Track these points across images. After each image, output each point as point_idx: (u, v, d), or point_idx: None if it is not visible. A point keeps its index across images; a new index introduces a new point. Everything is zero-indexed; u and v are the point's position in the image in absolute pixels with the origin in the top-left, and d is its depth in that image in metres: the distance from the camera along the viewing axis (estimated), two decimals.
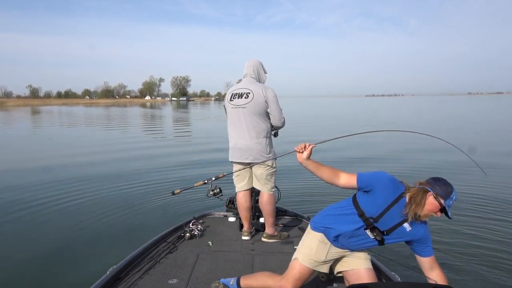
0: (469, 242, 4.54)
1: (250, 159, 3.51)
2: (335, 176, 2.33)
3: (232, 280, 2.63)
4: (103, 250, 4.45)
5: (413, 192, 2.19)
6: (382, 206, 2.22)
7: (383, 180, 2.24)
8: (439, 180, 2.18)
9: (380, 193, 2.22)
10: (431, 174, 2.32)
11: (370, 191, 2.25)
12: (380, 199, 2.23)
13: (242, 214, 3.75)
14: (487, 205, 5.92)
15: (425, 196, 2.15)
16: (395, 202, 2.21)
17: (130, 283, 2.78)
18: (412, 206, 2.16)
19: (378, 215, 2.24)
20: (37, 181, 8.16)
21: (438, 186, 2.14)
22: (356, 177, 2.28)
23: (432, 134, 2.71)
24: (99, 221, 5.50)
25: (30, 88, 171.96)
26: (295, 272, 2.42)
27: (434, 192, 2.13)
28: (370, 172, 2.30)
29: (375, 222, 2.26)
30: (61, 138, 19.42)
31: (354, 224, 2.31)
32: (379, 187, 2.23)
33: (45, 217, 5.71)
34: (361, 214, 2.28)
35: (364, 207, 2.28)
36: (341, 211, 2.37)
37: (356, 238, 2.35)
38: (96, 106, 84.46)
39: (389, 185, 2.23)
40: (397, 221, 2.24)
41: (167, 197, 6.57)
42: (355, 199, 2.34)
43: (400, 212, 2.21)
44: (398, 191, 2.22)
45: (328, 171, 2.35)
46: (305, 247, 2.46)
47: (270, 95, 3.47)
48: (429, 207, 2.14)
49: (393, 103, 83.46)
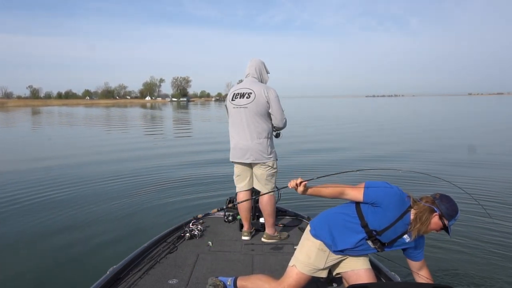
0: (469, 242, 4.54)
1: (251, 159, 3.50)
2: (340, 194, 2.32)
3: (230, 280, 2.62)
4: (103, 250, 4.45)
5: (418, 210, 2.18)
6: (387, 221, 2.22)
7: (391, 197, 2.22)
8: (447, 201, 2.16)
9: (386, 210, 2.21)
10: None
11: (376, 206, 2.23)
12: (386, 215, 2.21)
13: (242, 214, 3.74)
14: (484, 204, 5.91)
15: (431, 216, 2.15)
16: (400, 218, 2.21)
17: (130, 283, 2.78)
18: (417, 225, 2.16)
19: (382, 229, 2.24)
20: (37, 181, 8.16)
21: (445, 207, 2.13)
22: (363, 194, 2.25)
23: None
24: (99, 221, 5.50)
25: (30, 88, 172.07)
26: (292, 280, 2.41)
27: (440, 213, 2.13)
28: (377, 187, 2.26)
29: (378, 235, 2.26)
30: (60, 138, 19.42)
31: (356, 235, 2.30)
32: (386, 204, 2.21)
33: (45, 217, 5.70)
34: (365, 225, 2.27)
35: (369, 219, 2.26)
36: (344, 220, 2.34)
37: (357, 248, 2.35)
38: (96, 107, 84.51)
39: (396, 202, 2.21)
40: (399, 233, 2.25)
41: (167, 197, 6.58)
42: (359, 209, 2.30)
43: (403, 226, 2.22)
44: (404, 207, 2.21)
45: (330, 192, 2.34)
46: (303, 254, 2.43)
47: (272, 95, 3.46)
48: (432, 226, 2.17)
49: (392, 104, 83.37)
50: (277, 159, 3.65)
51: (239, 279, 2.62)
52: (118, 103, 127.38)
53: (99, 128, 25.96)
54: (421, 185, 6.43)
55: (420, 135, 17.47)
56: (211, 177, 8.13)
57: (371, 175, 7.77)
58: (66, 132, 23.39)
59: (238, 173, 3.70)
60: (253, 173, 3.64)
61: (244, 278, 2.62)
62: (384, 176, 8.24)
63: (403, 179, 6.78)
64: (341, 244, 2.34)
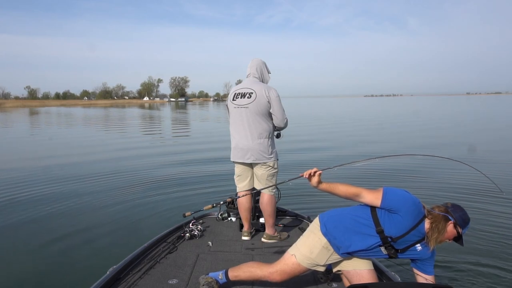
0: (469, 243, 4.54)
1: (252, 159, 3.50)
2: (355, 196, 2.29)
3: (221, 273, 2.62)
4: (103, 250, 4.44)
5: (434, 219, 2.19)
6: (404, 229, 2.22)
7: (409, 204, 2.21)
8: (460, 209, 2.21)
9: (404, 217, 2.21)
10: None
11: (393, 213, 2.23)
12: (403, 222, 2.21)
13: (242, 215, 3.74)
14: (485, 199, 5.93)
15: (446, 224, 2.17)
16: (415, 226, 2.21)
17: (130, 283, 2.77)
18: (435, 234, 2.18)
19: (397, 237, 2.24)
20: (37, 181, 8.14)
21: (459, 215, 2.17)
22: (381, 199, 2.24)
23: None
24: (99, 221, 5.49)
25: (28, 89, 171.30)
26: (287, 267, 2.41)
27: (454, 221, 2.16)
28: (396, 194, 2.25)
29: (392, 242, 2.25)
30: (60, 138, 19.39)
31: (370, 240, 2.28)
32: (404, 211, 2.20)
33: (45, 217, 5.69)
34: (380, 231, 2.25)
35: (385, 225, 2.25)
36: (358, 223, 2.31)
37: (368, 252, 2.33)
38: (94, 107, 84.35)
39: (413, 210, 2.21)
40: (412, 242, 2.26)
41: (167, 197, 6.58)
42: (375, 214, 2.28)
43: (417, 235, 2.23)
44: (420, 216, 2.22)
45: (345, 191, 2.30)
46: (306, 247, 2.42)
47: (273, 95, 3.46)
48: (447, 235, 2.19)
49: (390, 104, 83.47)
50: (278, 159, 3.65)
51: (230, 270, 2.61)
52: (116, 103, 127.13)
53: (98, 128, 25.91)
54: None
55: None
56: (211, 177, 8.13)
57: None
58: (65, 132, 23.33)
59: (238, 173, 3.69)
60: (254, 173, 3.64)
61: (235, 269, 2.61)
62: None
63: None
64: (352, 247, 2.32)
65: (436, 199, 6.04)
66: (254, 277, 2.53)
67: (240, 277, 2.57)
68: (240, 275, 2.57)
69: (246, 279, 2.58)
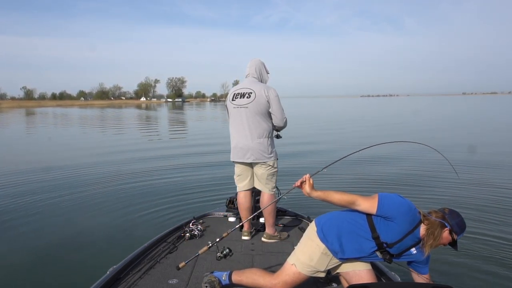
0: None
1: (252, 159, 3.50)
2: (350, 203, 2.30)
3: (225, 274, 2.63)
4: (103, 250, 4.44)
5: (430, 225, 2.20)
6: (399, 235, 2.24)
7: (404, 210, 2.23)
8: (457, 216, 2.21)
9: (399, 223, 2.22)
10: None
11: (389, 219, 2.24)
12: (399, 229, 2.23)
13: (242, 214, 3.75)
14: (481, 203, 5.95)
15: (442, 231, 2.18)
16: (411, 232, 2.23)
17: (130, 283, 2.76)
18: (430, 240, 2.19)
19: (393, 242, 2.25)
20: (37, 181, 8.12)
21: (456, 222, 2.18)
22: (376, 207, 2.24)
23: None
24: (99, 221, 5.48)
25: (24, 89, 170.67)
26: (288, 278, 2.41)
27: (450, 228, 2.17)
28: (391, 201, 2.26)
29: (388, 247, 2.27)
30: (59, 138, 19.37)
31: (366, 245, 2.30)
32: (399, 218, 2.22)
33: (45, 217, 5.68)
34: (376, 237, 2.27)
35: (381, 231, 2.26)
36: (354, 228, 2.32)
37: (365, 256, 2.35)
38: (91, 108, 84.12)
39: (409, 216, 2.23)
40: (407, 246, 2.27)
41: (167, 197, 6.56)
42: (371, 220, 2.29)
43: (413, 239, 2.24)
44: (415, 221, 2.23)
45: (340, 199, 2.31)
46: (305, 255, 2.41)
47: (272, 95, 3.47)
48: (442, 241, 2.21)
49: (387, 104, 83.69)
50: (278, 159, 3.66)
51: (234, 274, 2.62)
52: (113, 103, 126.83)
53: (96, 129, 25.84)
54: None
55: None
56: (211, 177, 8.13)
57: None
58: (63, 133, 23.26)
59: (238, 172, 3.69)
60: (254, 173, 3.64)
61: (239, 273, 2.62)
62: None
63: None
64: (349, 253, 2.34)
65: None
66: (256, 285, 2.53)
67: (242, 282, 2.58)
68: (242, 280, 2.58)
69: (248, 285, 2.58)
